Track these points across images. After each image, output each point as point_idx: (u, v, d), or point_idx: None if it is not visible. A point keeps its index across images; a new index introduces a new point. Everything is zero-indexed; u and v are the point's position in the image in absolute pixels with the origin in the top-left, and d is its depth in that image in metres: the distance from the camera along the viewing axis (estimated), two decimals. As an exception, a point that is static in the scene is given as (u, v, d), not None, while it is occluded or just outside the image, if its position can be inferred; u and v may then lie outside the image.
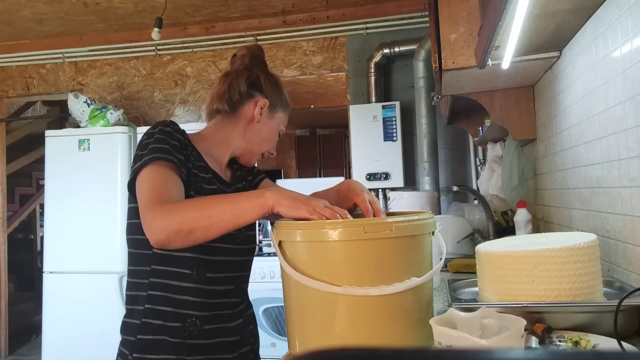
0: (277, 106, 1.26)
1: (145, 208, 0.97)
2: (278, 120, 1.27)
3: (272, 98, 1.25)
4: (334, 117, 6.92)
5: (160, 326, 1.06)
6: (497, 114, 2.10)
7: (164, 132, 1.09)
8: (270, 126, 1.25)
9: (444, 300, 1.25)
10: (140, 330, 1.07)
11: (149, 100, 4.10)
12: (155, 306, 1.08)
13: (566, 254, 0.93)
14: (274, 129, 1.26)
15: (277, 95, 1.27)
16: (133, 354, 1.06)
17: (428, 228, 0.89)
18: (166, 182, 1.01)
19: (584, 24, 1.40)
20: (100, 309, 3.31)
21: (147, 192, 0.99)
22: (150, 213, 0.95)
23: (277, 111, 1.26)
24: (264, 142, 1.25)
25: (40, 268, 3.90)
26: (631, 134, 1.13)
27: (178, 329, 1.06)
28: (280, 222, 0.92)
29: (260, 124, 1.23)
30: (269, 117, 1.24)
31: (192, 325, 1.08)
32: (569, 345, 0.86)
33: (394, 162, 3.50)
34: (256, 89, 1.23)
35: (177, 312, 1.07)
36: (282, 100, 1.28)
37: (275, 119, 1.26)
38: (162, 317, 1.07)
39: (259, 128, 1.23)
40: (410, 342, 0.84)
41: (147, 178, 1.01)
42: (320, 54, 3.84)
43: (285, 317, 0.92)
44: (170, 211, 0.94)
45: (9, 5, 3.40)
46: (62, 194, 3.49)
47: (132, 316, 1.10)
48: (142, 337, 1.07)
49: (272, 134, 1.26)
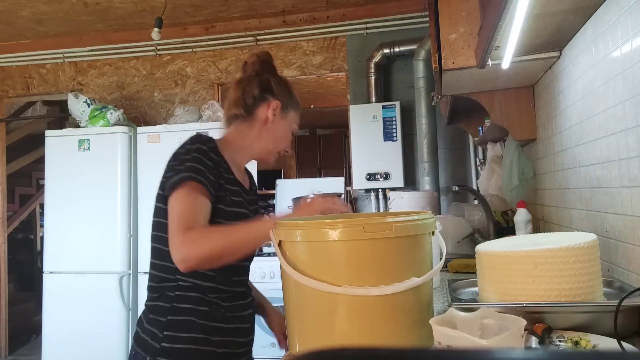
0: (289, 106, 1.37)
1: (174, 234, 1.10)
2: (290, 119, 1.38)
3: (284, 99, 1.35)
4: (334, 117, 6.92)
5: (190, 310, 1.19)
6: (497, 114, 2.10)
7: (201, 151, 1.19)
8: (284, 125, 1.36)
9: (444, 300, 1.25)
10: (171, 312, 1.20)
11: (149, 100, 4.10)
12: (186, 293, 1.21)
13: (566, 254, 0.93)
14: (287, 128, 1.37)
15: (288, 96, 1.37)
16: (164, 332, 1.18)
17: (428, 228, 0.89)
18: (195, 207, 1.14)
19: (584, 24, 1.40)
20: (100, 309, 3.31)
21: (177, 216, 1.12)
22: (179, 241, 1.09)
23: (288, 111, 1.37)
24: (279, 141, 1.36)
25: (40, 268, 3.90)
26: (631, 134, 1.13)
27: (204, 312, 1.20)
28: (280, 222, 0.92)
29: (275, 124, 1.33)
30: (282, 117, 1.35)
31: (217, 311, 1.22)
32: (569, 345, 0.86)
33: (394, 162, 3.50)
34: (268, 92, 1.34)
35: (205, 299, 1.21)
36: (292, 100, 1.38)
37: (287, 118, 1.37)
38: (192, 302, 1.20)
39: (274, 128, 1.34)
40: (410, 342, 0.84)
41: (179, 202, 1.14)
42: (320, 54, 3.84)
43: (285, 317, 0.92)
44: (200, 241, 1.09)
45: (9, 5, 3.40)
46: (62, 194, 3.49)
47: (161, 300, 1.22)
48: (173, 317, 1.19)
49: (286, 133, 1.37)
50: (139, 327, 1.24)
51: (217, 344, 1.20)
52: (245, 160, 1.37)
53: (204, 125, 3.29)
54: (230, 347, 1.24)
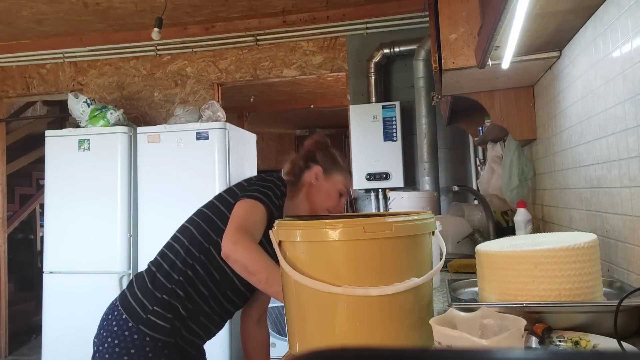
0: (331, 170, 1.55)
1: (236, 228, 1.28)
2: (335, 181, 1.54)
3: (326, 165, 1.56)
4: (334, 117, 6.92)
5: (182, 299, 1.35)
6: (497, 114, 2.10)
7: (277, 186, 1.42)
8: (328, 186, 1.53)
9: (444, 300, 1.25)
10: (168, 293, 1.35)
11: (149, 100, 4.10)
12: (186, 284, 1.36)
13: (566, 254, 0.93)
14: (331, 188, 1.54)
15: (331, 163, 1.57)
16: (154, 306, 1.34)
17: (428, 228, 0.89)
18: (257, 220, 1.33)
19: (584, 24, 1.40)
20: (100, 309, 3.28)
21: (242, 217, 1.31)
22: (239, 236, 1.26)
23: (332, 174, 1.55)
24: (324, 200, 1.52)
25: (40, 268, 3.90)
26: (631, 134, 1.13)
27: (188, 308, 1.36)
28: (280, 222, 0.92)
29: (318, 186, 1.52)
30: (325, 179, 1.54)
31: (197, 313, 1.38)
32: (569, 345, 0.86)
33: (394, 162, 3.50)
34: (312, 161, 1.56)
35: (194, 299, 1.37)
36: (336, 166, 1.57)
37: (332, 180, 1.54)
38: (186, 293, 1.36)
39: (318, 189, 1.52)
40: (410, 342, 0.84)
41: (248, 207, 1.33)
42: (320, 54, 3.84)
43: (285, 317, 0.92)
44: (253, 251, 1.25)
45: (9, 5, 3.40)
46: (62, 194, 3.48)
47: (166, 278, 1.37)
48: (167, 298, 1.35)
49: (331, 193, 1.54)
50: (130, 289, 1.40)
51: (182, 338, 1.38)
52: (293, 208, 1.53)
53: (203, 125, 3.29)
54: (190, 345, 1.42)
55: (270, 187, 1.40)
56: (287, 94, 5.61)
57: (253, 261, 1.24)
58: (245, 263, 1.24)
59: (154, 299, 1.35)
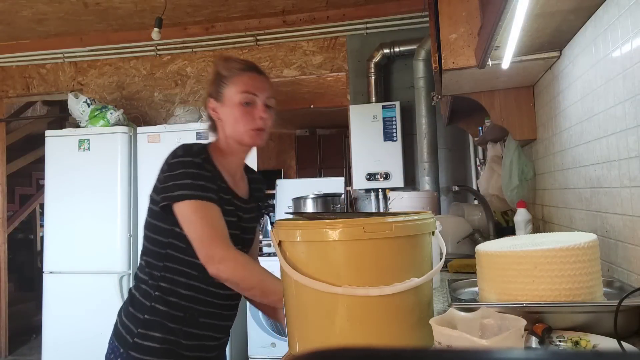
0: (220, 89, 1.31)
1: (214, 245, 1.16)
2: (229, 99, 1.29)
3: (213, 90, 1.33)
4: (334, 117, 6.92)
5: (166, 312, 1.23)
6: (497, 114, 2.10)
7: (195, 166, 1.21)
8: (228, 109, 1.30)
9: (444, 300, 1.25)
10: (149, 311, 1.24)
11: (149, 100, 4.10)
12: (165, 296, 1.24)
13: (566, 254, 0.93)
14: (232, 107, 1.29)
15: (216, 82, 1.32)
16: (138, 329, 1.23)
17: (428, 228, 0.89)
18: (215, 218, 1.19)
19: (584, 24, 1.40)
20: (100, 309, 3.30)
21: (205, 227, 1.17)
22: (218, 251, 1.15)
23: (222, 93, 1.30)
24: (235, 126, 1.29)
25: (40, 268, 3.90)
26: (631, 134, 1.13)
27: (179, 317, 1.24)
28: (280, 221, 0.92)
29: (223, 115, 1.31)
30: (222, 105, 1.31)
31: (192, 316, 1.25)
32: (569, 345, 0.86)
33: (394, 162, 3.50)
34: (207, 97, 1.35)
35: (182, 304, 1.24)
36: (222, 80, 1.31)
37: (226, 100, 1.30)
38: (169, 305, 1.24)
39: (224, 118, 1.30)
40: (410, 342, 0.84)
41: (196, 213, 1.17)
42: (320, 54, 3.84)
43: (285, 317, 0.92)
44: (241, 266, 1.17)
45: (9, 5, 3.40)
46: (62, 194, 3.49)
47: (144, 296, 1.26)
48: (150, 317, 1.24)
49: (234, 113, 1.29)
50: (118, 317, 1.31)
51: (187, 347, 1.25)
52: (234, 162, 1.34)
53: (204, 125, 3.29)
54: (202, 350, 1.28)
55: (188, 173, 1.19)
56: (287, 94, 5.61)
57: (244, 279, 1.17)
58: (237, 282, 1.18)
59: (137, 320, 1.24)
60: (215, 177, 1.25)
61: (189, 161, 1.21)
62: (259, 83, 1.31)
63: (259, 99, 1.29)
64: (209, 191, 1.19)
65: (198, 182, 1.19)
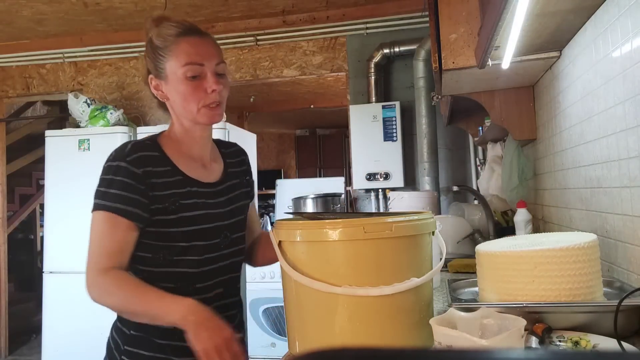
0: (158, 63, 1.10)
1: (90, 271, 1.05)
2: (171, 72, 1.08)
3: (151, 64, 1.11)
4: (334, 117, 6.92)
5: (153, 327, 1.07)
6: (497, 114, 2.10)
7: (119, 171, 1.04)
8: (172, 86, 1.09)
9: (444, 300, 1.25)
10: (135, 327, 1.11)
11: (149, 100, 4.08)
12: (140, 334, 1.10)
13: (566, 254, 0.93)
14: (177, 83, 1.08)
15: (153, 54, 1.10)
16: (125, 346, 1.11)
17: (428, 228, 0.89)
18: (112, 234, 1.04)
19: (584, 24, 1.40)
20: (100, 309, 3.28)
21: (92, 249, 1.05)
22: (90, 281, 1.05)
23: (161, 70, 1.10)
24: (187, 102, 1.09)
25: (40, 268, 3.90)
26: (631, 134, 1.13)
27: (168, 331, 1.05)
28: (280, 221, 0.92)
29: (169, 95, 1.11)
30: (164, 82, 1.11)
31: (181, 330, 1.06)
32: (569, 345, 0.86)
33: (394, 162, 3.50)
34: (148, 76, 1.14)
35: None
36: (159, 51, 1.10)
37: (168, 76, 1.09)
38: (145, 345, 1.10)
39: (172, 99, 1.11)
40: (410, 342, 0.84)
41: (97, 233, 1.05)
42: (320, 54, 3.84)
43: (285, 317, 0.92)
44: (107, 294, 1.04)
45: (9, 5, 3.40)
46: (62, 194, 3.49)
47: (119, 335, 1.14)
48: (136, 333, 1.10)
49: (181, 88, 1.08)
50: (110, 331, 1.20)
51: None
52: (196, 147, 1.16)
53: (204, 125, 3.30)
54: None
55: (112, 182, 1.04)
56: (287, 94, 5.61)
57: (112, 305, 1.05)
58: (110, 308, 1.06)
59: (123, 336, 1.13)
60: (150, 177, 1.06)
61: (112, 166, 1.05)
62: (203, 48, 1.10)
63: (206, 68, 1.09)
64: (122, 201, 1.03)
65: (111, 191, 1.03)
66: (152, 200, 1.06)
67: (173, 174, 1.10)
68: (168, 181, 1.08)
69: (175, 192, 1.08)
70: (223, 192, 1.17)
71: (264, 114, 6.66)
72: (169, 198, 1.07)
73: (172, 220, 1.07)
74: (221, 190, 1.17)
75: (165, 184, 1.07)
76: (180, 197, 1.08)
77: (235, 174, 1.24)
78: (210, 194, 1.14)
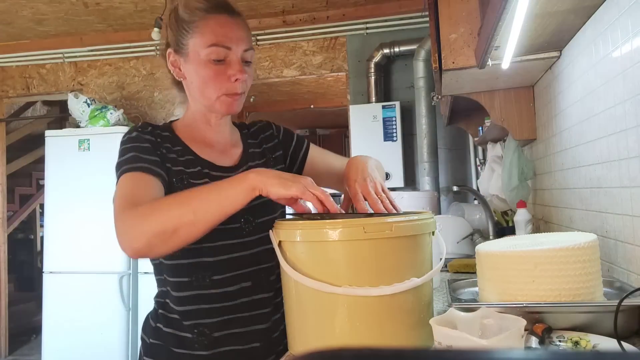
0: (178, 39, 1.00)
1: (116, 218, 0.88)
2: (194, 50, 0.98)
3: (169, 38, 1.02)
4: (334, 117, 6.92)
5: (171, 335, 1.00)
6: (497, 114, 2.10)
7: (131, 140, 0.99)
8: (193, 66, 1.00)
9: (444, 300, 1.25)
10: (154, 334, 1.03)
11: (149, 100, 4.10)
12: (166, 312, 1.02)
13: (566, 254, 0.93)
14: (199, 65, 0.99)
15: (170, 26, 1.01)
16: (144, 356, 1.04)
17: (428, 228, 0.89)
18: (139, 186, 0.91)
19: (584, 24, 1.40)
20: (100, 309, 3.31)
21: (118, 202, 0.90)
22: (122, 220, 0.86)
23: (184, 45, 1.00)
24: (206, 87, 1.00)
25: (40, 268, 3.90)
26: (631, 134, 1.13)
27: (187, 339, 0.98)
28: (280, 221, 0.92)
29: (187, 75, 1.03)
30: (184, 59, 1.01)
31: (200, 335, 0.99)
32: (569, 345, 0.86)
33: (394, 162, 3.50)
34: (166, 49, 1.04)
35: (184, 322, 1.00)
36: (179, 26, 1.00)
37: (190, 54, 0.99)
38: (171, 325, 1.01)
39: (190, 80, 1.02)
40: (410, 342, 0.84)
41: (118, 188, 0.94)
42: (320, 54, 3.84)
43: (285, 317, 0.92)
44: (148, 213, 0.84)
45: (9, 5, 3.40)
46: (62, 194, 3.49)
47: (152, 316, 1.06)
48: (155, 341, 1.02)
49: (203, 71, 0.98)
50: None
51: None
52: (209, 131, 1.07)
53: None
54: None
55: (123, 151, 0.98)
56: (287, 94, 5.61)
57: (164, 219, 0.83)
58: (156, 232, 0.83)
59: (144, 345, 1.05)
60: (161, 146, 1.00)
61: (124, 141, 1.00)
62: (233, 31, 0.99)
63: (233, 53, 0.98)
64: (142, 160, 0.95)
65: (128, 156, 0.96)
66: (165, 170, 0.97)
67: (183, 154, 1.02)
68: (178, 159, 1.00)
69: (184, 170, 0.99)
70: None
71: (264, 114, 6.66)
72: (176, 174, 0.98)
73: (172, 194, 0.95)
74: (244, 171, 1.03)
75: (175, 161, 1.00)
76: (190, 176, 0.99)
77: (259, 154, 1.12)
78: (223, 177, 0.99)
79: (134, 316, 3.34)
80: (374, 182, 0.94)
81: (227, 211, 0.85)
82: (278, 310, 1.04)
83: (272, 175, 0.85)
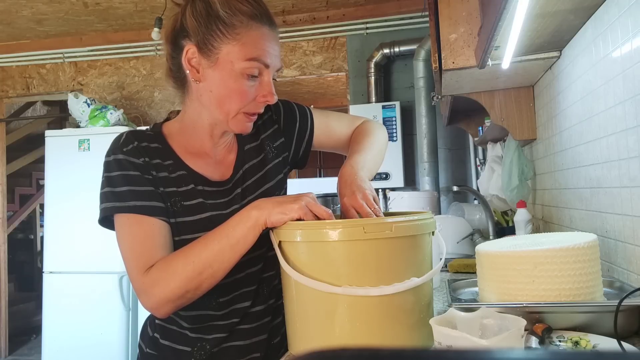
0: (208, 39, 0.86)
1: (133, 280, 0.87)
2: (227, 59, 0.86)
3: (195, 32, 0.86)
4: (334, 117, 6.92)
5: (168, 348, 0.97)
6: (497, 114, 2.10)
7: (118, 165, 0.89)
8: (219, 74, 0.87)
9: (444, 300, 1.25)
10: (151, 345, 1.00)
11: (149, 100, 4.10)
12: (164, 323, 0.99)
13: (566, 254, 0.93)
14: (229, 75, 0.87)
15: (205, 21, 0.85)
16: None
17: (428, 228, 0.89)
18: (146, 236, 0.87)
19: (584, 24, 1.40)
20: (100, 309, 3.31)
21: (128, 257, 0.87)
22: (141, 288, 0.85)
23: (214, 49, 0.86)
24: (230, 100, 0.88)
25: (40, 268, 3.90)
26: (631, 134, 1.13)
27: (184, 353, 0.95)
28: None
29: (208, 80, 0.89)
30: (210, 63, 0.87)
31: (202, 349, 0.96)
32: (569, 345, 0.86)
33: (394, 162, 3.50)
34: (182, 36, 0.89)
35: (183, 334, 0.97)
36: (213, 24, 0.85)
37: (221, 61, 0.86)
38: (168, 337, 0.98)
39: (208, 85, 0.89)
40: (410, 342, 0.84)
41: (121, 236, 0.89)
42: (320, 54, 3.84)
43: (286, 317, 0.92)
44: (169, 278, 0.83)
45: (9, 5, 3.40)
46: (62, 194, 3.49)
47: (149, 323, 1.03)
48: (151, 352, 0.99)
49: (233, 84, 0.87)
50: None
51: None
52: (207, 144, 0.97)
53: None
54: None
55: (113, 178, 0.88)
56: (287, 94, 5.61)
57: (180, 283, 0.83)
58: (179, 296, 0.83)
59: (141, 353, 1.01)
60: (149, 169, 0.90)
61: (110, 162, 0.90)
62: (273, 47, 0.89)
63: (268, 72, 0.89)
64: (134, 197, 0.88)
65: (117, 189, 0.88)
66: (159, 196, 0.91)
67: (175, 169, 0.93)
68: (169, 177, 0.92)
69: (177, 190, 0.92)
70: (237, 183, 0.99)
71: (264, 114, 6.66)
72: (169, 197, 0.91)
73: (172, 225, 0.92)
74: (235, 184, 0.99)
75: (166, 180, 0.92)
76: (183, 197, 0.92)
77: (256, 149, 1.03)
78: (220, 193, 0.96)
79: (134, 316, 3.34)
80: (362, 193, 0.91)
81: (241, 253, 0.86)
82: (278, 315, 1.03)
83: (272, 205, 0.85)
